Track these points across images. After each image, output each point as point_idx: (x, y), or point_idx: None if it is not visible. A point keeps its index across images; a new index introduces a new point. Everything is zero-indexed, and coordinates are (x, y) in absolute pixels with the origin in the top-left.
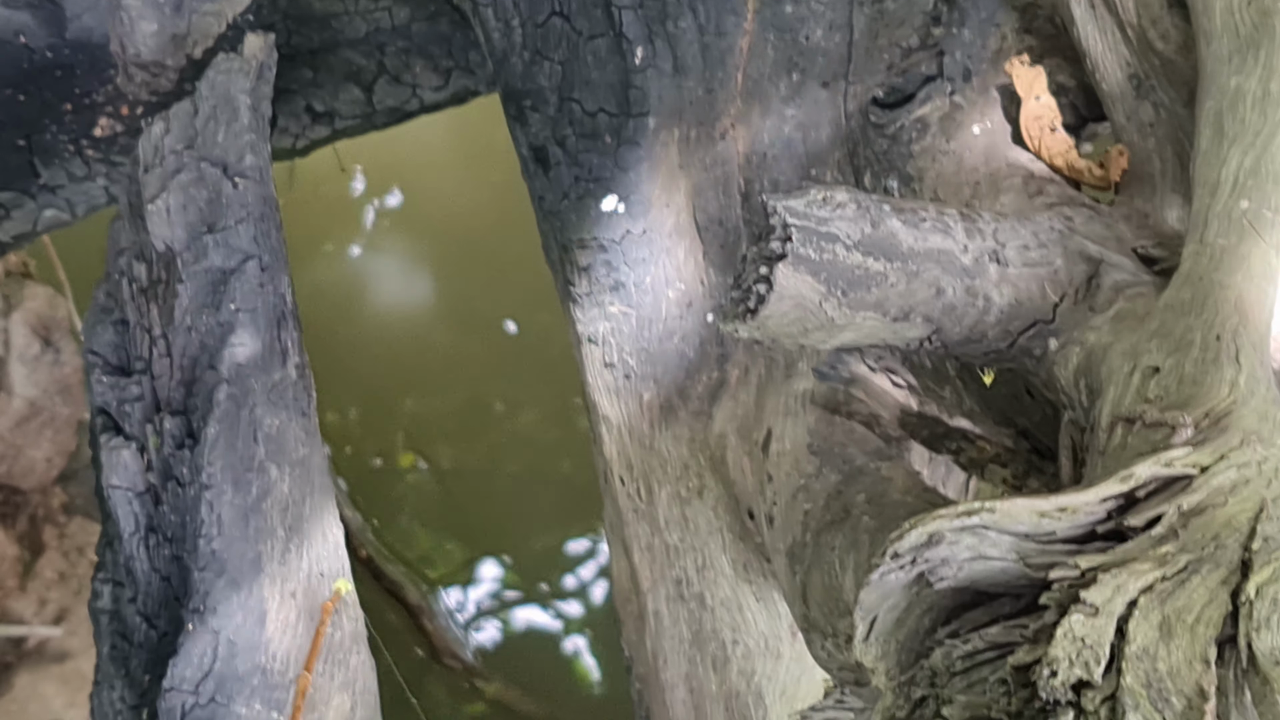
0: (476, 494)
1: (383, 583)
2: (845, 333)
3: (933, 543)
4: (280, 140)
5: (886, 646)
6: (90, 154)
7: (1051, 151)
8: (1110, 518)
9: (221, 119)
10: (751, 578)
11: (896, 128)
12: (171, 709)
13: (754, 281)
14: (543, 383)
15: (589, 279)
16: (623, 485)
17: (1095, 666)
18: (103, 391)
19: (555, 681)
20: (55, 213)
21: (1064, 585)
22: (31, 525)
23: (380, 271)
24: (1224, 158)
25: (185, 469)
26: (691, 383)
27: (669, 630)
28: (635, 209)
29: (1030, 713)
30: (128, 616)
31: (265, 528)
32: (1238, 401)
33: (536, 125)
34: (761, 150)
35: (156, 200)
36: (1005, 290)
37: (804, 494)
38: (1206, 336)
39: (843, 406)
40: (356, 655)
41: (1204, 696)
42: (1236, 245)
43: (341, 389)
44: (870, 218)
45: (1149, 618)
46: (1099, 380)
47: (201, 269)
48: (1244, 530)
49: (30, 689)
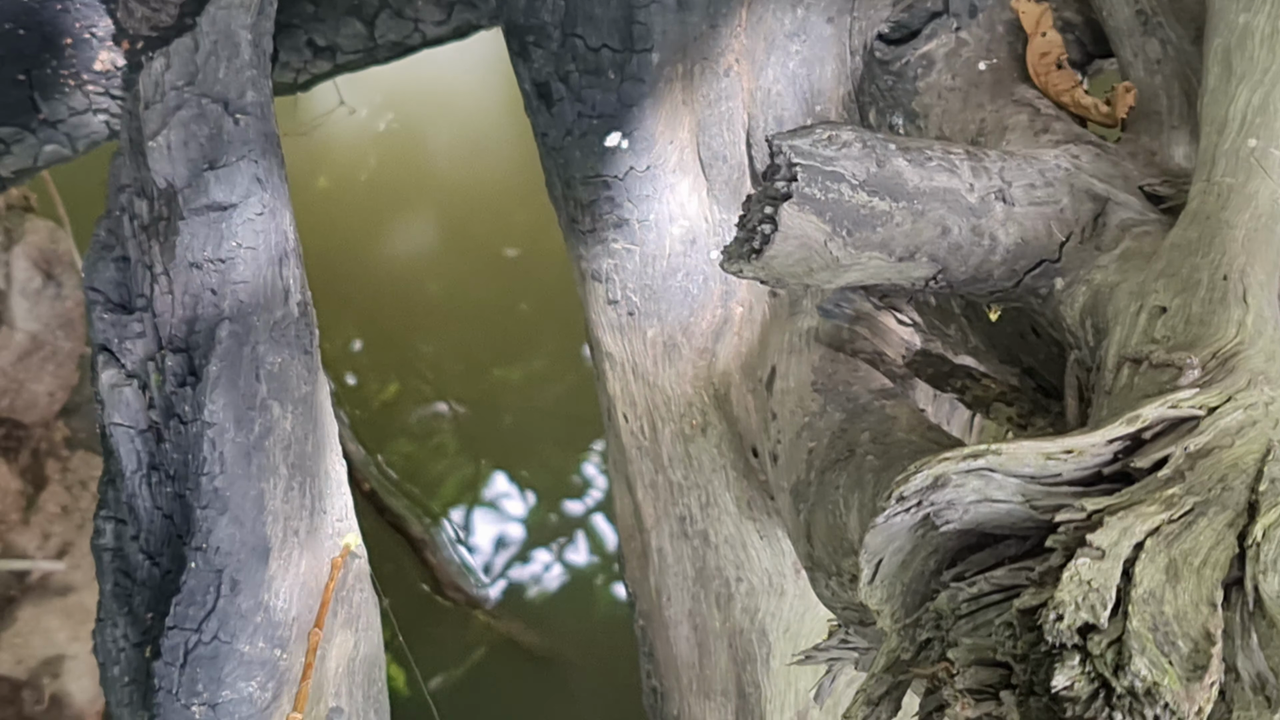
0: (481, 427)
1: (385, 516)
2: (850, 272)
3: (938, 485)
4: (281, 75)
5: (892, 589)
6: (91, 89)
7: (1058, 88)
8: (1116, 459)
9: (222, 55)
10: (755, 515)
11: (902, 64)
12: (174, 647)
13: (759, 221)
14: (548, 317)
15: (592, 215)
16: (626, 422)
17: (1101, 610)
18: (104, 329)
19: (558, 616)
20: (56, 148)
21: (1070, 528)
22: (34, 459)
23: (383, 207)
24: (1232, 95)
25: (187, 406)
26: (695, 320)
27: (672, 567)
28: (639, 145)
29: (1036, 656)
30: (130, 554)
31: (268, 465)
32: (1245, 342)
33: (539, 61)
34: (766, 86)
35: (157, 137)
36: (1011, 229)
37: (808, 432)
38: (1214, 276)
39: (847, 344)
40: (360, 593)
41: (1210, 640)
42: (1244, 184)
43: (346, 324)
44: (876, 156)
45: (1155, 561)
46: (1105, 320)
47: (202, 206)
48: (1251, 472)
49: (33, 623)
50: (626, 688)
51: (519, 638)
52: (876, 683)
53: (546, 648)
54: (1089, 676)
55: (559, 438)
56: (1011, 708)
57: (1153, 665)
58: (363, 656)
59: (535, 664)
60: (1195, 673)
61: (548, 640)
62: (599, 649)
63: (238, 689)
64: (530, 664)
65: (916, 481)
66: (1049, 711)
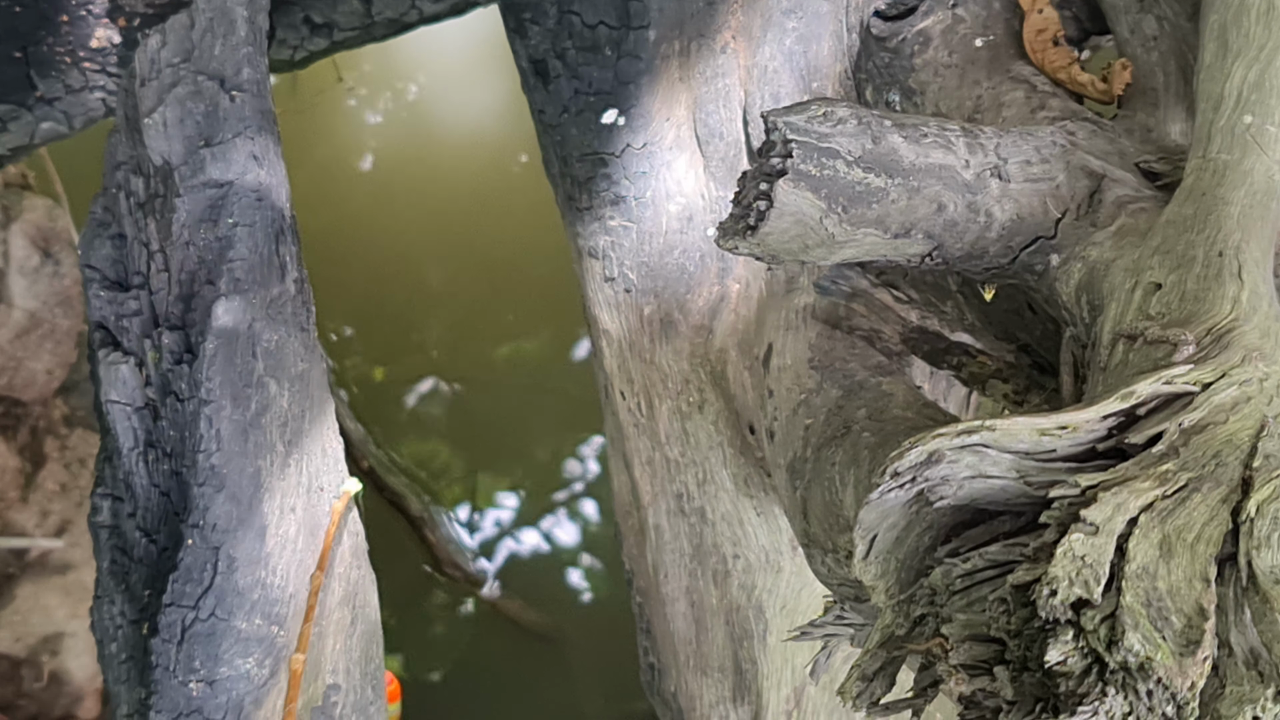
0: (479, 405)
1: (385, 494)
2: (846, 249)
3: (932, 461)
4: (278, 52)
5: (886, 565)
6: (87, 65)
7: (1054, 65)
8: (1111, 435)
9: (218, 32)
10: (752, 492)
11: (898, 40)
12: (172, 624)
13: (754, 198)
14: (548, 296)
15: (589, 193)
16: (623, 400)
17: (1095, 585)
18: (101, 306)
19: (556, 593)
20: (53, 125)
21: (1064, 504)
22: (33, 437)
23: (380, 184)
24: (1228, 72)
25: (184, 384)
26: (692, 297)
27: (670, 544)
28: (635, 122)
29: (1030, 631)
30: (127, 531)
31: (264, 443)
32: (1239, 318)
33: (536, 38)
34: (763, 63)
35: (153, 114)
36: (1007, 206)
37: (805, 409)
38: (1209, 253)
39: (844, 321)
40: (357, 570)
41: (1204, 615)
42: (1239, 160)
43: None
44: (871, 133)
45: (1149, 536)
46: (1101, 296)
47: (199, 183)
48: (1245, 448)
49: (32, 600)
50: (624, 664)
51: (517, 615)
52: (871, 658)
53: (545, 624)
54: (1082, 652)
55: (559, 416)
56: (1005, 683)
57: (1146, 640)
58: (360, 633)
59: (533, 641)
60: (1188, 648)
61: (546, 617)
62: (597, 626)
63: (235, 666)
64: (528, 641)
65: (911, 457)
66: (1042, 687)
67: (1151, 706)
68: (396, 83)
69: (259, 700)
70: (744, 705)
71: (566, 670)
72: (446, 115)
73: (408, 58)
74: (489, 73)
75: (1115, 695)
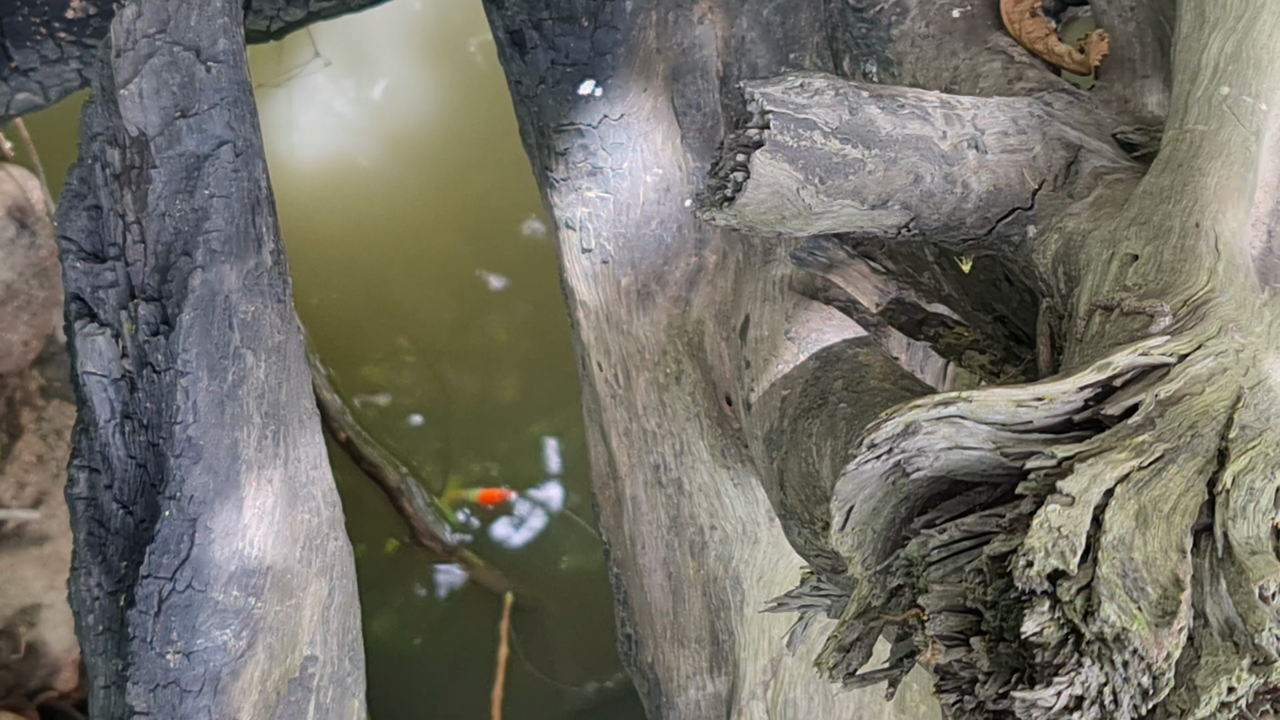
0: (456, 378)
1: (361, 465)
2: (823, 220)
3: (909, 433)
4: (255, 23)
5: (863, 536)
6: (63, 36)
7: (1031, 36)
8: (1087, 407)
9: (194, 2)
10: (729, 463)
11: (875, 11)
12: (149, 596)
13: (731, 169)
14: (526, 269)
15: (566, 164)
16: (600, 371)
17: (1071, 556)
18: (76, 278)
19: (534, 564)
20: (28, 96)
21: (1040, 475)
22: (9, 408)
23: (359, 156)
24: (1205, 42)
25: (160, 355)
26: (669, 268)
27: (647, 515)
28: (612, 93)
29: (1005, 602)
30: (104, 503)
31: (241, 414)
32: (1216, 289)
33: (513, 8)
34: (740, 34)
35: (129, 85)
36: (984, 177)
37: (781, 380)
38: (1185, 224)
39: (821, 292)
40: (334, 541)
41: (1179, 586)
42: (1216, 131)
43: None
44: (848, 104)
45: (1125, 507)
46: (1077, 267)
47: (175, 154)
48: (1221, 419)
49: (9, 572)
50: (601, 635)
51: (495, 587)
52: (848, 629)
53: (522, 595)
54: (1058, 623)
55: (537, 388)
56: (981, 654)
57: (1122, 611)
58: (337, 605)
59: (511, 612)
60: (1164, 619)
61: (523, 588)
62: (574, 596)
63: (212, 637)
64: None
65: (888, 429)
66: (1018, 657)
67: (1127, 677)
68: (375, 58)
69: (236, 672)
70: (721, 676)
71: (544, 641)
72: (426, 91)
73: (385, 30)
74: (467, 48)
75: (1091, 666)
